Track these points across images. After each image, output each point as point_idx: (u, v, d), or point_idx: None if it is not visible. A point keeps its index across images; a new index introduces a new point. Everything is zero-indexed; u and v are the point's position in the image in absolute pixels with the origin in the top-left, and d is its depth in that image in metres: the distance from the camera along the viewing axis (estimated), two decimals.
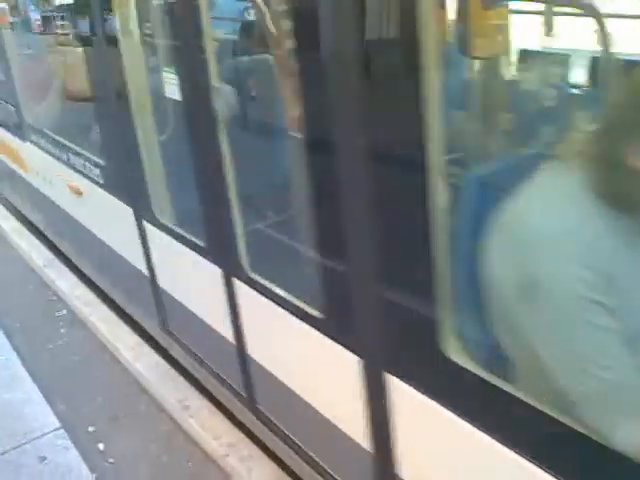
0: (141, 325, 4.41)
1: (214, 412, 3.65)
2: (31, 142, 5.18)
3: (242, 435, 3.45)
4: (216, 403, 3.67)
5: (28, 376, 4.02)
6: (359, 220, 1.84)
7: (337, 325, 2.17)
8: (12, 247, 6.30)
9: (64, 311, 5.09)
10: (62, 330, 4.83)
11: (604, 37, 2.60)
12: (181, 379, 3.94)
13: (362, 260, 1.89)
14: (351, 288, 1.99)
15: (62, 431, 3.53)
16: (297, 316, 2.33)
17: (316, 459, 2.66)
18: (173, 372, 4.02)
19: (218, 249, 2.81)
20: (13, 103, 5.32)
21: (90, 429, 3.74)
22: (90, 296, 5.06)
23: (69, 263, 5.54)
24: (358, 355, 2.09)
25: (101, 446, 3.60)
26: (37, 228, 6.24)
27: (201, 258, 2.94)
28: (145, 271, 3.69)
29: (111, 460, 3.50)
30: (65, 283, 5.33)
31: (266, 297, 2.50)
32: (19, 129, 5.38)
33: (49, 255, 5.84)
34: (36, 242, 6.15)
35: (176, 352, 3.85)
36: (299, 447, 2.78)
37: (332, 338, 2.19)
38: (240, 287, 2.68)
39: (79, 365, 4.38)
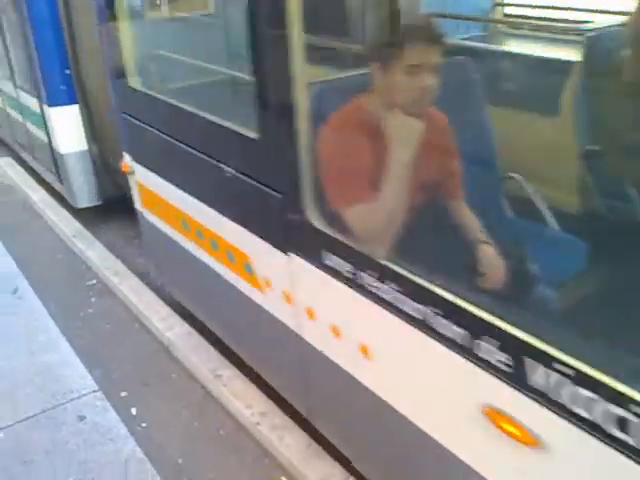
0: (172, 296, 4.48)
1: (246, 382, 3.72)
2: None
3: (273, 405, 3.52)
4: (247, 373, 3.75)
5: (65, 340, 4.10)
6: None
7: None
8: (41, 217, 6.39)
9: (94, 281, 5.18)
10: (92, 299, 4.93)
11: None
12: (213, 350, 4.01)
13: None
14: None
15: (100, 393, 3.63)
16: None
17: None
18: (205, 343, 4.10)
19: None
20: None
21: (122, 394, 3.82)
22: (120, 266, 5.14)
23: (98, 234, 5.63)
24: None
25: (134, 411, 3.68)
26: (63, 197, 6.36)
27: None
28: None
29: (144, 424, 3.58)
30: (94, 253, 5.41)
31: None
32: None
33: (78, 226, 5.92)
34: (64, 212, 6.23)
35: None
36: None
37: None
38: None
39: (110, 333, 4.47)
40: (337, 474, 3.03)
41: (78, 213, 6.08)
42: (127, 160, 4.11)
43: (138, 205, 4.30)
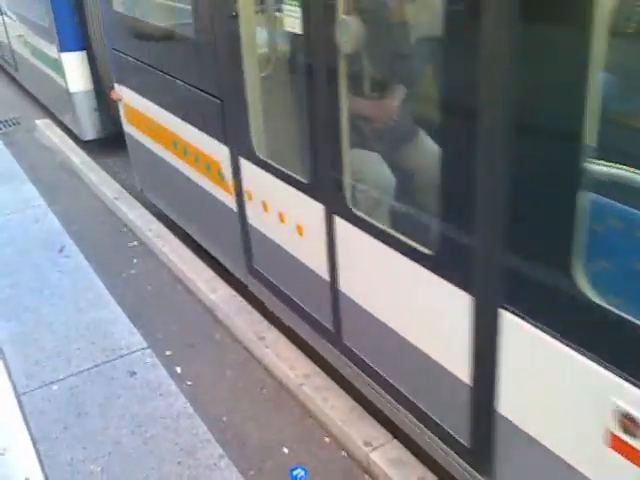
0: (217, 260, 4.56)
1: (288, 344, 3.79)
2: None
3: (316, 367, 3.59)
4: (290, 336, 3.82)
5: (112, 299, 4.21)
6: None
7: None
8: (81, 179, 6.49)
9: (135, 242, 5.28)
10: (135, 260, 5.02)
11: None
12: (256, 313, 4.09)
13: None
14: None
15: (149, 350, 3.73)
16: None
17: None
18: (248, 306, 4.17)
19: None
20: None
21: (167, 353, 3.92)
22: (162, 229, 5.22)
23: (139, 196, 5.71)
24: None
25: (178, 369, 3.78)
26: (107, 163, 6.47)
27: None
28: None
29: (189, 383, 3.67)
30: (136, 215, 5.49)
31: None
32: None
33: (118, 187, 6.00)
34: (104, 174, 6.32)
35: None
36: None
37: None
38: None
39: (153, 294, 4.56)
40: (381, 437, 3.11)
41: (118, 175, 6.16)
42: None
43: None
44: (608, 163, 2.16)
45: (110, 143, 6.83)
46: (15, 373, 3.58)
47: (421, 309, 2.54)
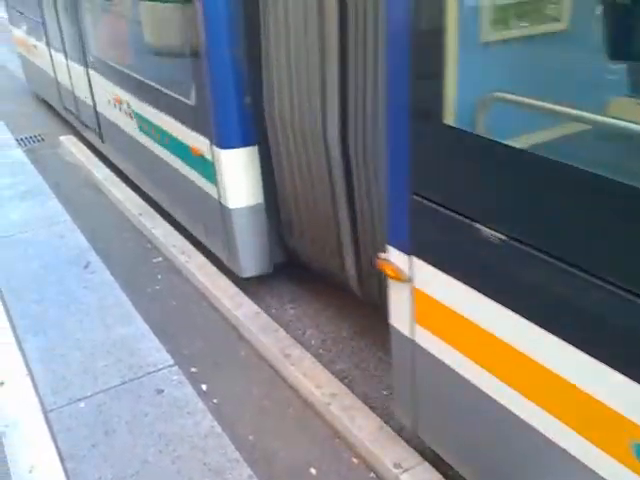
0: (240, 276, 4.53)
1: (314, 362, 3.75)
2: None
3: (343, 386, 3.54)
4: (316, 355, 3.78)
5: (138, 315, 4.18)
6: None
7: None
8: (105, 195, 6.49)
9: (160, 258, 5.26)
10: (159, 276, 5.00)
11: None
12: (282, 330, 4.04)
13: None
14: None
15: (176, 368, 3.69)
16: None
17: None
18: (273, 323, 4.13)
19: None
20: None
21: (193, 370, 3.88)
22: (187, 245, 5.20)
23: (163, 212, 5.69)
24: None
25: (204, 387, 3.73)
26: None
27: None
28: None
29: (215, 400, 3.63)
30: (160, 231, 5.47)
31: None
32: None
33: (142, 203, 5.99)
34: (128, 191, 6.32)
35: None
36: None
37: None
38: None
39: (178, 310, 4.53)
40: (410, 458, 3.04)
41: (142, 192, 6.15)
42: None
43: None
44: None
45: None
46: (42, 389, 3.55)
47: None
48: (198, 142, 4.36)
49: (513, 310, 2.06)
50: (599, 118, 1.87)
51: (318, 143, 3.60)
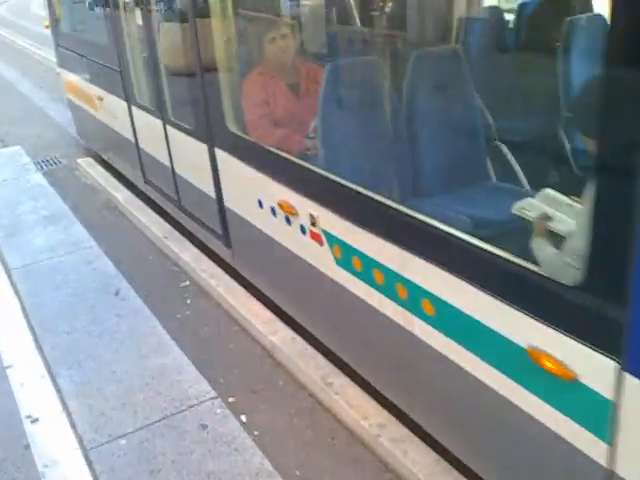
0: (273, 300, 4.35)
1: (358, 391, 3.56)
2: None
3: (391, 416, 3.35)
4: (359, 382, 3.58)
5: (173, 343, 3.99)
6: None
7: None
8: (126, 218, 6.32)
9: (187, 282, 5.08)
10: (188, 301, 4.82)
11: None
12: (320, 356, 3.85)
13: None
14: None
15: (219, 400, 3.50)
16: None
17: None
18: (311, 349, 3.94)
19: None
20: None
21: (230, 400, 3.69)
22: (215, 268, 5.02)
23: (190, 235, 5.52)
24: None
25: (244, 418, 3.54)
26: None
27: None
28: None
29: (256, 433, 3.44)
30: (188, 255, 5.30)
31: None
32: None
33: (167, 227, 5.82)
34: (151, 213, 6.15)
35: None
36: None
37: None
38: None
39: (210, 336, 4.35)
40: None
41: (166, 215, 5.98)
42: None
43: None
44: None
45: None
46: (81, 426, 3.36)
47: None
48: (560, 348, 2.11)
49: None
50: None
51: None
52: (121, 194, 6.72)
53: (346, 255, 3.21)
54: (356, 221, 3.05)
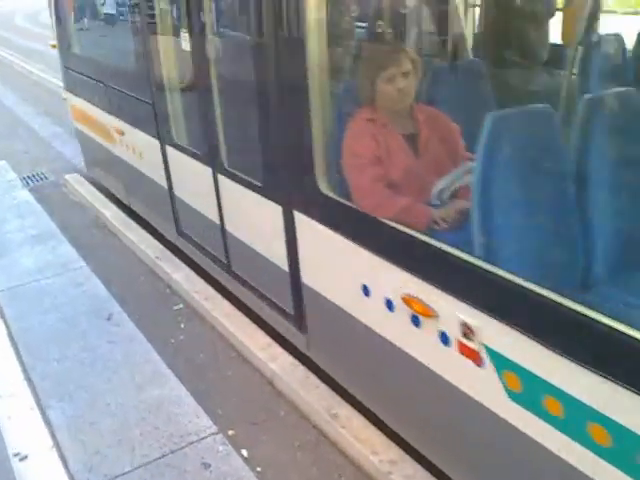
0: (271, 325, 4.15)
1: (366, 424, 3.36)
2: None
3: (402, 452, 3.15)
4: (366, 414, 3.39)
5: (170, 372, 3.78)
6: None
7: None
8: (116, 236, 6.10)
9: (181, 305, 4.86)
10: (182, 325, 4.60)
11: None
12: (323, 385, 3.66)
13: None
14: None
15: (220, 436, 3.28)
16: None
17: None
18: (313, 377, 3.75)
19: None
20: None
21: (230, 433, 3.48)
22: (209, 291, 4.81)
23: (182, 256, 5.31)
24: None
25: (245, 452, 3.33)
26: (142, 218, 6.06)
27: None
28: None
29: (258, 469, 3.23)
30: (181, 276, 5.08)
31: None
32: None
33: (158, 246, 5.60)
34: (142, 232, 5.93)
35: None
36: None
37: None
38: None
39: (206, 363, 4.13)
40: None
41: (157, 233, 5.76)
42: None
43: None
44: None
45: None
46: (72, 464, 3.13)
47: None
48: None
49: None
50: None
51: None
52: (110, 211, 6.49)
53: (530, 387, 2.19)
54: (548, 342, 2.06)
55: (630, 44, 3.93)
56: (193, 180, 4.58)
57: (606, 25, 4.03)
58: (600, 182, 2.52)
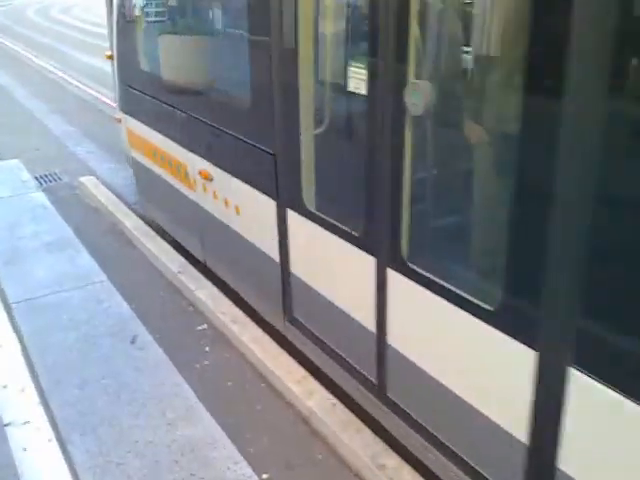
0: (305, 354, 3.81)
1: (416, 477, 3.02)
2: None
3: None
4: (415, 464, 3.06)
5: (202, 406, 3.44)
6: None
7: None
8: (135, 247, 5.75)
9: (204, 325, 4.52)
10: (206, 348, 4.26)
11: None
12: (367, 430, 3.33)
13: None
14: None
15: None
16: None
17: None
18: (355, 419, 3.41)
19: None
20: None
21: (264, 476, 3.15)
22: (236, 312, 4.48)
23: (205, 271, 4.97)
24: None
25: None
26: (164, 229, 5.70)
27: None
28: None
29: None
30: (205, 294, 4.75)
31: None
32: None
33: (181, 260, 5.26)
34: (163, 243, 5.59)
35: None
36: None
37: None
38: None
39: (235, 394, 3.80)
40: None
41: (179, 246, 5.42)
42: None
43: None
44: None
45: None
46: None
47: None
48: None
49: None
50: None
51: None
52: (129, 220, 6.15)
53: None
54: None
55: None
56: (334, 264, 3.31)
57: None
58: None
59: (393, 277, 2.83)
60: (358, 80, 2.88)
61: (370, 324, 3.08)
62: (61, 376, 3.70)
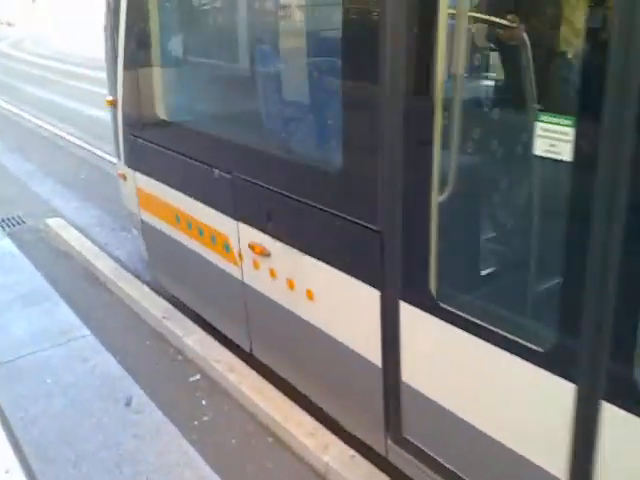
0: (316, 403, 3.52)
1: None
2: None
3: None
4: None
5: (215, 475, 3.10)
6: None
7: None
8: (111, 291, 5.39)
9: (197, 376, 4.20)
10: (203, 402, 3.94)
11: None
12: None
13: None
14: None
15: None
16: None
17: None
18: (379, 473, 3.13)
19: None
20: None
21: None
22: (232, 359, 4.17)
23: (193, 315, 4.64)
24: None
25: None
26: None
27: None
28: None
29: None
30: (194, 340, 4.42)
31: None
32: None
33: (165, 304, 4.92)
34: (142, 287, 5.24)
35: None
36: None
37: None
38: None
39: (241, 452, 3.50)
40: None
41: (162, 290, 5.08)
42: None
43: None
44: None
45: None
46: None
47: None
48: None
49: None
50: None
51: None
52: (102, 263, 5.78)
53: None
54: None
55: None
56: (482, 380, 2.44)
57: None
58: None
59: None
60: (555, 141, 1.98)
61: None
62: (52, 452, 3.30)
